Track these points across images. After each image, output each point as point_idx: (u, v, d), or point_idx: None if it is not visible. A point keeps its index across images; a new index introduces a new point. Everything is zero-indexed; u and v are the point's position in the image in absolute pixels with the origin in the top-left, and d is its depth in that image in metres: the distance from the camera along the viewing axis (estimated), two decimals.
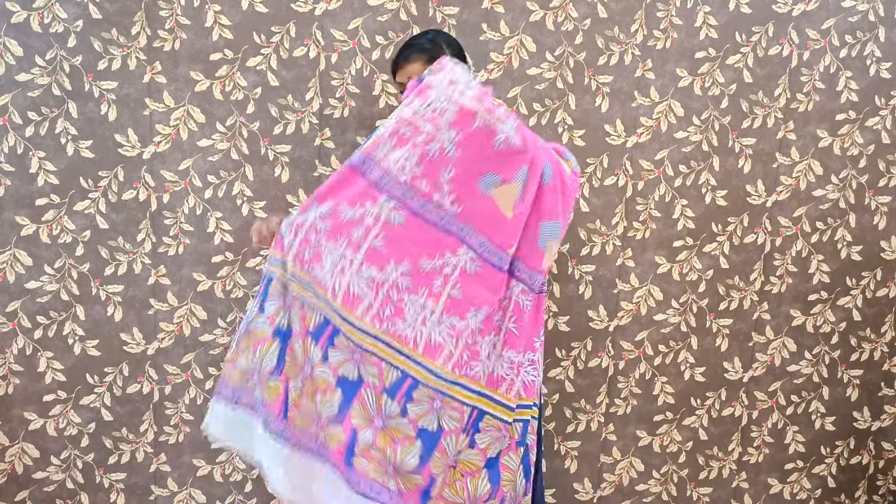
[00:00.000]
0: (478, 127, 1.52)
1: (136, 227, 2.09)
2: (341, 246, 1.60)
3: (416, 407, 1.60)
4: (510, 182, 1.56)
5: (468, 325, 1.61)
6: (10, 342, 2.09)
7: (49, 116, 2.01)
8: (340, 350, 1.61)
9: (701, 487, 2.45)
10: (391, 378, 1.60)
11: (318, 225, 1.63)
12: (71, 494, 2.20)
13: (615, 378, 2.34)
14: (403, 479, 1.61)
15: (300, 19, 2.05)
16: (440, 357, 1.60)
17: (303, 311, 1.63)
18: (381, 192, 1.58)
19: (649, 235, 2.27)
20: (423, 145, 1.54)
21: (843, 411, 2.46)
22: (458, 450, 1.63)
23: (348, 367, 1.61)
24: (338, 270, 1.60)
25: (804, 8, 2.19)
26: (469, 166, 1.55)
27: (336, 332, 1.61)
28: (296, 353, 1.65)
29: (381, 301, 1.60)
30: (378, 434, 1.61)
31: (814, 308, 2.38)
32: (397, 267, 1.59)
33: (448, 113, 1.52)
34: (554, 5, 2.12)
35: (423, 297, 1.59)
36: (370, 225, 1.59)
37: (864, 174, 2.32)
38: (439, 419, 1.62)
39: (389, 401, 1.60)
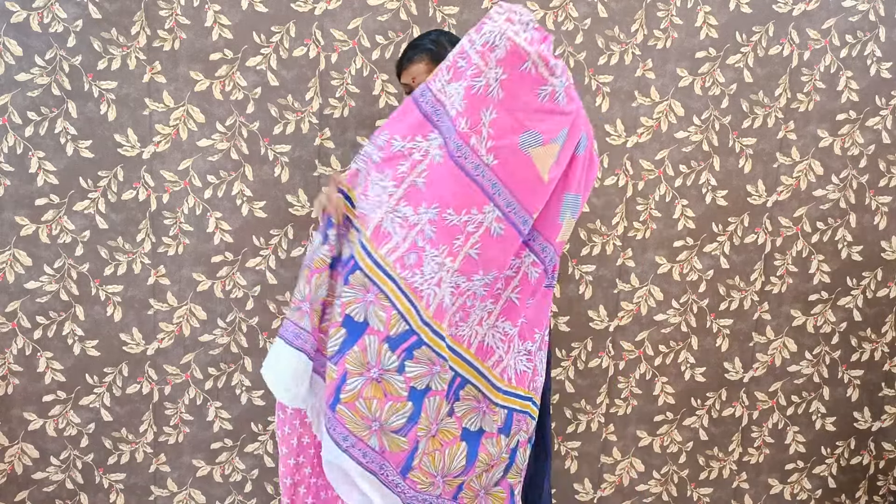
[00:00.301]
0: (525, 69, 1.46)
1: (136, 227, 2.09)
2: (386, 178, 1.57)
3: (415, 366, 1.56)
4: (549, 143, 1.50)
5: (471, 287, 1.57)
6: (10, 342, 2.09)
7: (49, 116, 2.00)
8: (354, 287, 1.57)
9: (701, 488, 2.45)
10: (397, 329, 1.55)
11: (372, 155, 1.60)
12: (70, 495, 2.20)
13: (615, 378, 2.34)
14: (388, 438, 1.57)
15: (300, 19, 2.05)
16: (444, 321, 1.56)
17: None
18: (434, 127, 1.55)
19: (649, 235, 2.26)
20: (469, 79, 1.49)
21: (844, 412, 2.45)
22: (440, 415, 1.59)
23: (356, 307, 1.56)
24: (376, 204, 1.57)
25: (804, 8, 2.19)
26: (511, 112, 1.49)
27: (354, 268, 1.57)
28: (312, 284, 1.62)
29: (408, 247, 1.55)
30: (369, 385, 1.55)
31: (814, 308, 2.38)
32: (427, 210, 1.54)
33: (499, 49, 1.46)
34: (554, 5, 2.12)
35: (443, 255, 1.54)
36: (416, 160, 1.55)
37: (864, 174, 2.31)
38: (431, 380, 1.58)
39: (389, 353, 1.55)
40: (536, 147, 1.50)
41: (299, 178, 2.12)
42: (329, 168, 2.13)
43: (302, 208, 2.13)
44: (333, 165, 2.12)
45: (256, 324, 2.17)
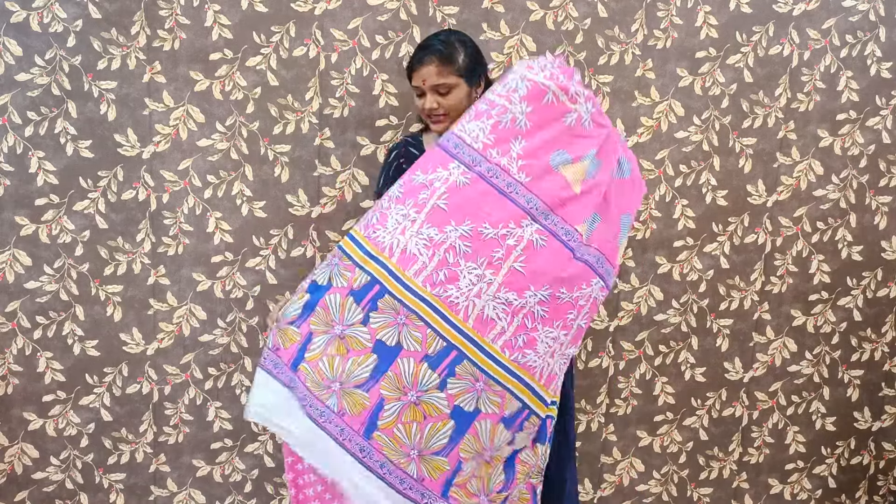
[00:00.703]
0: (548, 101, 1.57)
1: (136, 227, 2.09)
2: (407, 206, 1.60)
3: (458, 383, 1.56)
4: (579, 161, 1.59)
5: (526, 304, 1.58)
6: (10, 342, 2.09)
7: (48, 116, 2.00)
8: (384, 312, 1.57)
9: (701, 488, 2.45)
10: (435, 347, 1.56)
11: (392, 192, 1.64)
12: (70, 495, 2.20)
13: (615, 378, 2.34)
14: (426, 462, 1.57)
15: (300, 19, 2.05)
16: (490, 333, 1.57)
17: (351, 272, 1.60)
18: (454, 158, 1.61)
19: (649, 235, 2.26)
20: (496, 117, 1.59)
21: (844, 411, 2.45)
22: (494, 442, 1.59)
23: (389, 331, 1.57)
24: (399, 231, 1.59)
25: (805, 8, 2.19)
26: (539, 139, 1.58)
27: (382, 293, 1.57)
28: (329, 307, 1.60)
29: (437, 263, 1.57)
30: (408, 408, 1.56)
31: (814, 308, 2.38)
32: (458, 228, 1.57)
33: (521, 89, 1.58)
34: (554, 5, 2.12)
35: (482, 267, 1.57)
36: (437, 187, 1.60)
37: (864, 174, 2.31)
38: (478, 400, 1.58)
39: (430, 372, 1.55)
40: (566, 165, 1.59)
41: (299, 178, 2.12)
42: (329, 168, 2.13)
43: (302, 208, 2.13)
44: (333, 165, 2.12)
45: (256, 324, 2.17)
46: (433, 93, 1.77)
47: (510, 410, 1.59)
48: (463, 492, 1.60)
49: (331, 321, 1.59)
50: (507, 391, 1.58)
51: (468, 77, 1.79)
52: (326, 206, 2.14)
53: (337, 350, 1.57)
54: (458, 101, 1.78)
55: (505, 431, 1.60)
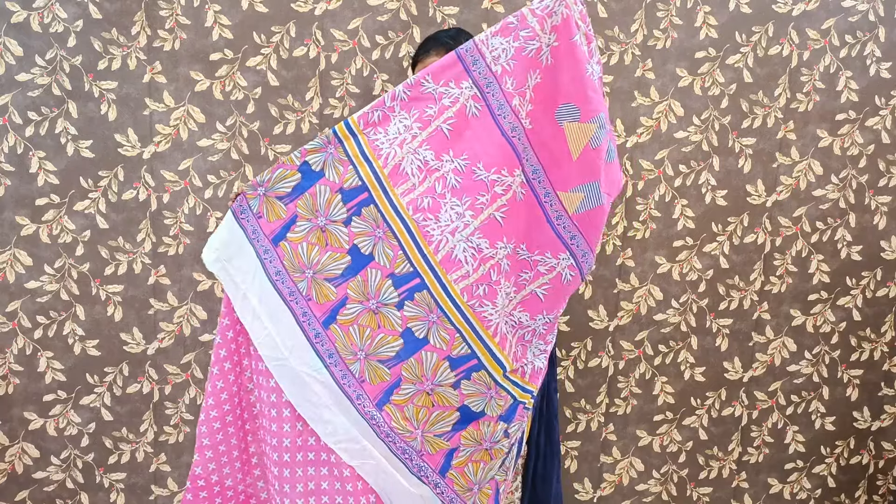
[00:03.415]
0: (576, 41, 1.49)
1: (136, 226, 2.09)
2: (411, 117, 1.56)
3: (414, 308, 1.58)
4: (586, 122, 1.51)
5: (495, 255, 1.57)
6: (10, 342, 2.09)
7: (49, 116, 2.01)
8: (365, 220, 1.58)
9: (701, 487, 2.45)
10: (402, 268, 1.58)
11: (397, 91, 1.58)
12: (71, 494, 2.20)
13: (615, 378, 2.34)
14: (370, 367, 1.61)
15: (300, 19, 2.05)
16: (454, 273, 1.57)
17: (344, 168, 1.58)
18: (468, 76, 1.54)
19: (649, 235, 2.27)
20: (523, 40, 1.51)
21: (843, 411, 2.46)
22: (436, 375, 1.61)
23: (366, 240, 1.59)
24: (398, 142, 1.57)
25: (804, 8, 2.19)
26: (556, 80, 1.51)
27: (368, 202, 1.58)
28: (317, 197, 1.59)
29: (426, 189, 1.56)
30: (366, 314, 1.59)
31: (814, 308, 2.38)
32: (454, 160, 1.55)
33: (556, 16, 1.49)
34: None
35: (464, 206, 1.56)
36: (445, 106, 1.55)
37: (864, 174, 2.32)
38: (429, 331, 1.59)
39: (392, 290, 1.58)
40: (572, 122, 1.51)
41: None
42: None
43: None
44: None
45: None
46: None
47: (457, 352, 1.60)
48: (399, 413, 1.62)
49: (316, 211, 1.60)
50: (457, 331, 1.59)
51: None
52: None
53: (317, 240, 1.60)
54: None
55: (449, 371, 1.60)
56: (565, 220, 1.57)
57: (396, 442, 1.64)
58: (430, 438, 1.65)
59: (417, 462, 1.65)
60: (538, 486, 1.85)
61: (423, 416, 1.63)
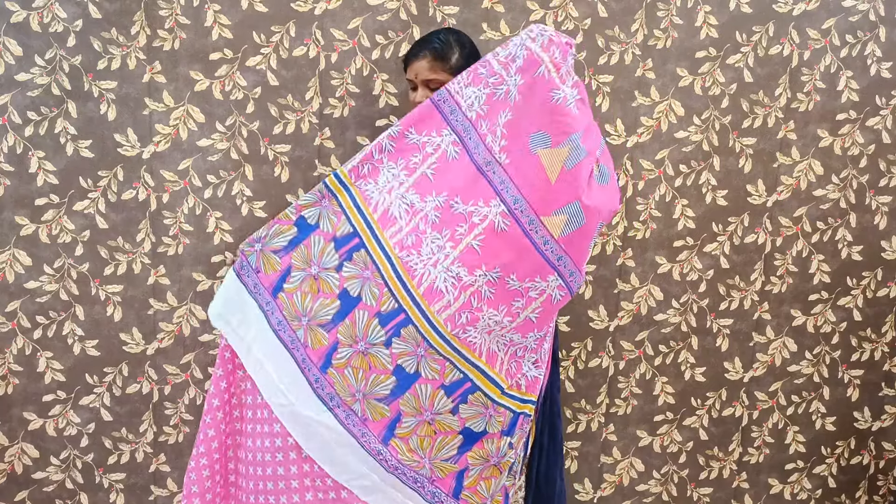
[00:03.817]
0: (539, 74, 1.56)
1: (136, 226, 2.09)
2: (398, 166, 1.67)
3: (401, 344, 1.64)
4: (558, 146, 1.57)
5: (474, 283, 1.62)
6: (10, 342, 2.09)
7: (48, 116, 2.00)
8: (356, 264, 1.67)
9: (701, 488, 2.45)
10: (388, 306, 1.64)
11: (383, 143, 1.70)
12: (70, 494, 2.20)
13: (615, 378, 2.34)
14: (370, 405, 1.67)
15: (300, 19, 2.05)
16: (437, 304, 1.63)
17: (338, 218, 1.69)
18: (448, 124, 1.65)
19: (649, 235, 2.26)
20: (492, 86, 1.62)
21: (844, 411, 2.45)
22: (434, 405, 1.66)
23: (355, 283, 1.67)
24: (386, 189, 1.67)
25: (805, 7, 2.19)
26: (525, 114, 1.58)
27: (359, 247, 1.67)
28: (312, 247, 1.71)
29: (410, 228, 1.64)
30: (357, 356, 1.66)
31: (814, 308, 2.38)
32: (435, 198, 1.64)
33: (518, 59, 1.59)
34: (554, 5, 2.12)
35: (444, 239, 1.63)
36: (429, 153, 1.66)
37: (864, 174, 2.31)
38: (419, 365, 1.65)
39: (379, 328, 1.64)
40: (545, 148, 1.57)
41: (299, 178, 2.12)
42: (329, 168, 2.12)
43: None
44: (333, 165, 2.12)
45: None
46: (424, 87, 1.81)
47: (450, 379, 1.66)
48: (404, 445, 1.68)
49: (309, 260, 1.70)
50: (447, 361, 1.65)
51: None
52: None
53: (310, 288, 1.69)
54: None
55: (445, 398, 1.66)
56: (552, 244, 1.62)
57: (407, 473, 1.69)
58: (438, 464, 1.69)
59: (430, 489, 1.70)
60: (542, 485, 1.86)
61: (427, 445, 1.68)
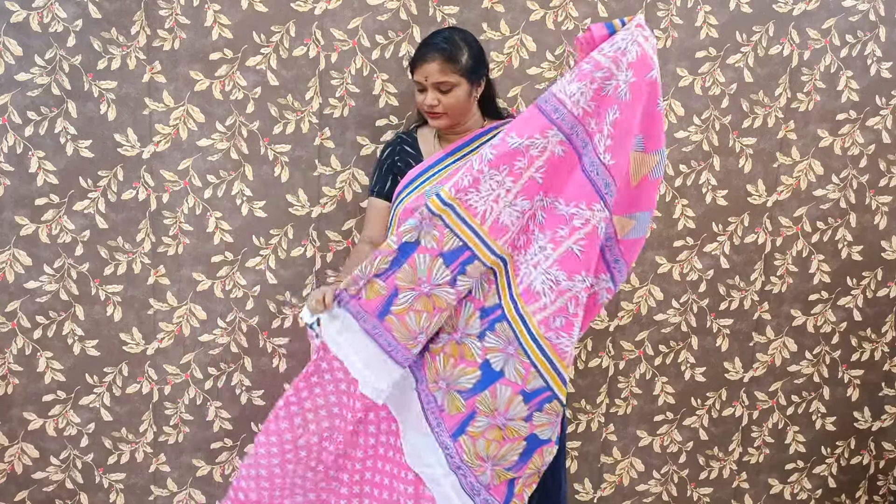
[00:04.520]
0: (651, 78, 1.54)
1: (136, 226, 2.09)
2: (502, 173, 1.61)
3: (494, 340, 1.64)
4: (651, 153, 1.58)
5: (572, 289, 1.61)
6: (10, 342, 2.09)
7: (48, 116, 2.00)
8: (471, 276, 1.63)
9: (701, 488, 2.45)
10: (490, 301, 1.64)
11: (484, 154, 1.62)
12: (70, 494, 2.20)
13: (615, 378, 2.34)
14: (450, 397, 1.66)
15: (300, 19, 2.05)
16: (532, 305, 1.62)
17: (441, 232, 1.62)
18: (553, 124, 1.58)
19: (649, 235, 2.26)
20: (600, 82, 1.55)
21: (844, 411, 2.45)
22: (508, 410, 1.65)
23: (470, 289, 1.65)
24: (492, 198, 1.61)
25: (805, 7, 2.19)
26: (633, 116, 1.56)
27: (471, 259, 1.62)
28: (417, 266, 1.63)
29: (520, 229, 1.63)
30: (450, 343, 1.66)
31: (814, 308, 2.38)
32: (543, 199, 1.62)
33: (630, 53, 1.54)
34: (554, 5, 2.12)
35: (546, 240, 1.62)
36: (534, 156, 1.60)
37: (864, 174, 2.31)
38: (506, 363, 1.64)
39: (477, 321, 1.65)
40: (637, 151, 1.59)
41: (299, 178, 2.12)
42: (329, 168, 2.13)
43: (302, 208, 2.13)
44: (333, 165, 2.12)
45: (256, 324, 2.17)
46: (434, 90, 1.79)
47: (531, 386, 1.64)
48: (472, 447, 1.66)
49: (418, 279, 1.63)
50: (532, 366, 1.63)
51: (470, 77, 1.80)
52: (326, 206, 2.15)
53: (424, 306, 1.63)
54: (457, 100, 1.80)
55: (522, 405, 1.64)
56: (612, 242, 1.64)
57: (467, 476, 1.68)
58: (499, 471, 1.68)
59: (485, 497, 1.69)
60: (549, 484, 1.87)
61: (493, 450, 1.67)
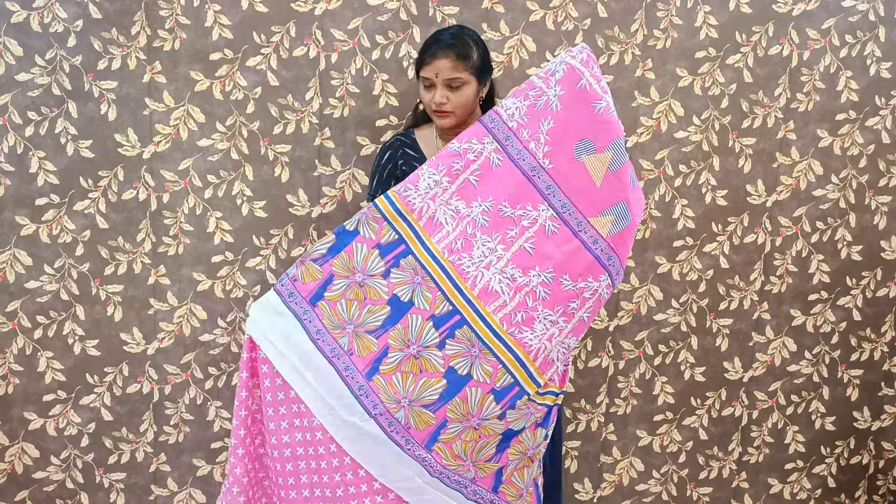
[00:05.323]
0: (581, 86, 1.61)
1: (136, 226, 2.09)
2: (439, 173, 1.69)
3: (455, 346, 1.67)
4: (602, 151, 1.63)
5: (529, 283, 1.66)
6: (10, 342, 2.09)
7: (49, 116, 2.01)
8: (404, 270, 1.68)
9: (701, 487, 2.45)
10: (441, 309, 1.67)
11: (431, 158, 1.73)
12: (71, 494, 2.20)
13: (615, 378, 2.34)
14: (414, 413, 1.67)
15: (300, 19, 2.05)
16: (492, 304, 1.66)
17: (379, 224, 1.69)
18: (489, 132, 1.68)
19: (649, 235, 2.26)
20: (532, 98, 1.66)
21: (844, 411, 2.46)
22: (482, 410, 1.67)
23: (404, 288, 1.68)
24: (430, 196, 1.69)
25: (804, 8, 2.19)
26: (568, 122, 1.63)
27: (406, 253, 1.68)
28: (354, 254, 1.68)
29: (458, 233, 1.68)
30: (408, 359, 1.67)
31: (814, 308, 2.38)
32: (482, 203, 1.68)
33: (558, 73, 1.64)
34: (554, 5, 2.12)
35: (495, 242, 1.67)
36: (470, 160, 1.69)
37: (864, 174, 2.32)
38: (472, 366, 1.67)
39: (433, 331, 1.67)
40: (590, 154, 1.63)
41: (299, 178, 2.12)
42: (329, 168, 2.13)
43: (302, 208, 2.14)
44: (333, 165, 2.13)
45: None
46: (444, 87, 1.79)
47: (501, 383, 1.67)
48: (448, 451, 1.69)
49: (353, 268, 1.69)
50: (499, 362, 1.66)
51: (479, 75, 1.82)
52: (326, 206, 2.15)
53: (355, 296, 1.68)
54: (466, 99, 1.81)
55: (494, 404, 1.67)
56: (601, 243, 1.66)
57: (451, 476, 1.71)
58: (480, 465, 1.72)
59: (472, 488, 1.73)
60: (546, 467, 1.89)
61: (469, 448, 1.70)
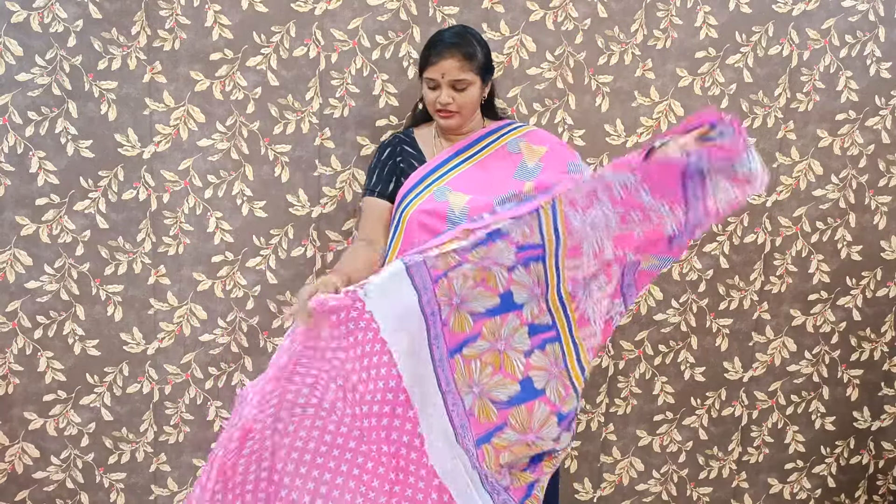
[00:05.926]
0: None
1: (136, 226, 2.09)
2: (615, 213, 1.62)
3: (541, 358, 1.68)
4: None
5: (609, 311, 1.73)
6: (10, 342, 2.09)
7: (49, 116, 2.01)
8: (529, 274, 1.66)
9: (701, 487, 2.45)
10: (542, 320, 1.68)
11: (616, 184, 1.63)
12: (71, 494, 2.20)
13: (615, 378, 2.34)
14: (481, 403, 1.67)
15: (300, 19, 2.05)
16: (584, 331, 1.70)
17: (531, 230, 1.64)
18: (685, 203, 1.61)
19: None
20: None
21: (843, 411, 2.46)
22: (542, 430, 1.67)
23: (521, 290, 1.66)
24: (588, 226, 1.63)
25: (804, 8, 2.20)
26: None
27: (539, 258, 1.65)
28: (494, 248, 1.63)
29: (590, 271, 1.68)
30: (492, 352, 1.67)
31: (814, 308, 2.38)
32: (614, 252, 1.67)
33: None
34: (554, 5, 2.12)
35: (606, 278, 1.70)
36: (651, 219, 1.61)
37: (864, 174, 2.32)
38: (548, 383, 1.68)
39: (525, 336, 1.67)
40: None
41: (299, 178, 2.12)
42: (329, 168, 2.13)
43: (302, 208, 2.14)
44: (333, 165, 2.13)
45: (257, 323, 2.17)
46: (449, 87, 1.78)
47: (568, 409, 1.68)
48: (494, 457, 1.67)
49: (487, 257, 1.64)
50: (573, 389, 1.69)
51: (483, 75, 1.82)
52: (327, 206, 2.15)
53: (474, 277, 1.64)
54: (471, 99, 1.80)
55: (556, 426, 1.67)
56: (633, 269, 1.73)
57: (488, 477, 1.70)
58: (517, 474, 1.71)
59: (504, 497, 1.71)
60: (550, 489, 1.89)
61: (514, 460, 1.69)
